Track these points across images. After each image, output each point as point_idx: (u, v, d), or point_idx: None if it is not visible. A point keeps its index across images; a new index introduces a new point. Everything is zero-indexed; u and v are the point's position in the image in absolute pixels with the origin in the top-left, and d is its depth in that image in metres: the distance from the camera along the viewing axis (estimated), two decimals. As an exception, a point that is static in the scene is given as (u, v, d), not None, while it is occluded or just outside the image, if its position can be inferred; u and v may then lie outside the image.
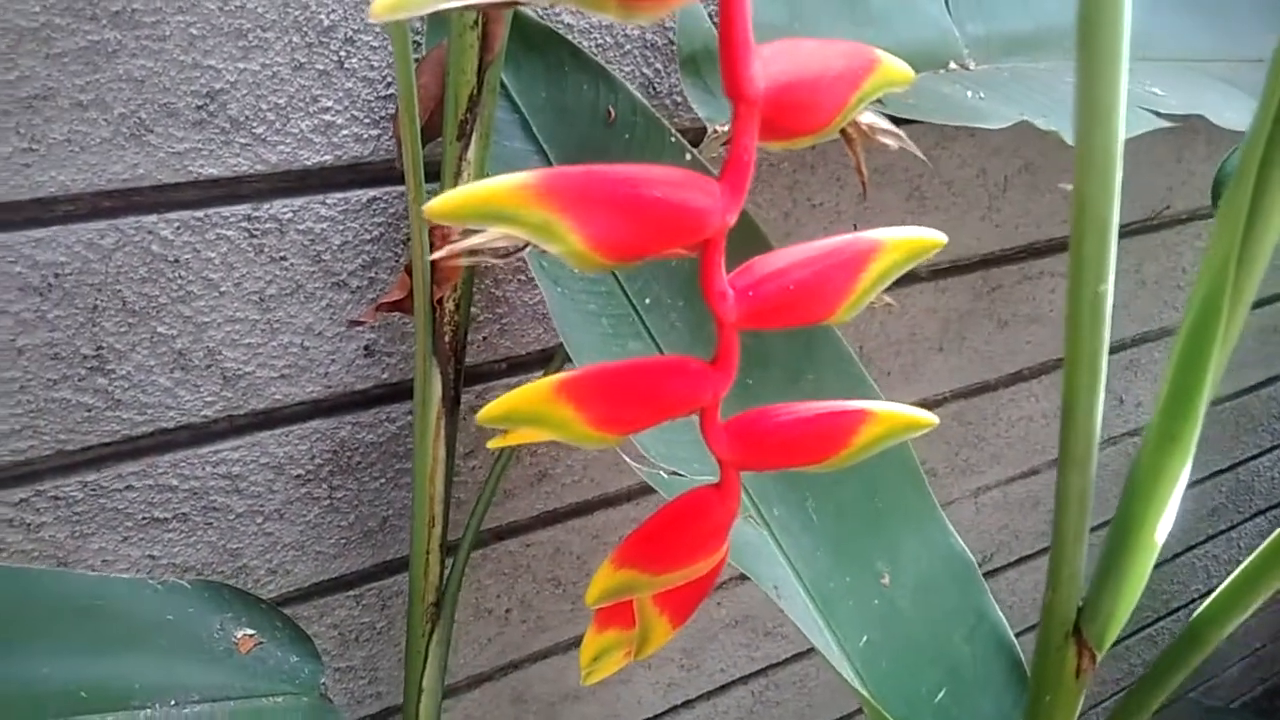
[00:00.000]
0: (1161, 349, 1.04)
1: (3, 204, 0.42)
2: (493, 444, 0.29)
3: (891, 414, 0.31)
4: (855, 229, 0.72)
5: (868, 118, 0.31)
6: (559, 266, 0.47)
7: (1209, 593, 0.30)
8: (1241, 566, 0.26)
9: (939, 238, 0.30)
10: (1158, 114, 0.56)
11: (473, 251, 0.25)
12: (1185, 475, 0.25)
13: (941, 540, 0.49)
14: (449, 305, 0.46)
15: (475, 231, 0.25)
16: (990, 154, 0.74)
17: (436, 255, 0.25)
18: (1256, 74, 0.60)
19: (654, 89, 0.56)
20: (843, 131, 0.31)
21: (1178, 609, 1.32)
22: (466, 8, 0.22)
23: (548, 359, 0.61)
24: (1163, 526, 0.25)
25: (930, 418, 0.31)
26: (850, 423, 0.31)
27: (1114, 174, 0.21)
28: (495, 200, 0.24)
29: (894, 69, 0.30)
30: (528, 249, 0.26)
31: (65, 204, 0.43)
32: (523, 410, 0.28)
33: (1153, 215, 0.91)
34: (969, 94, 0.52)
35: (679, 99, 0.57)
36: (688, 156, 0.49)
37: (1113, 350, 1.02)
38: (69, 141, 0.42)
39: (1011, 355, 0.89)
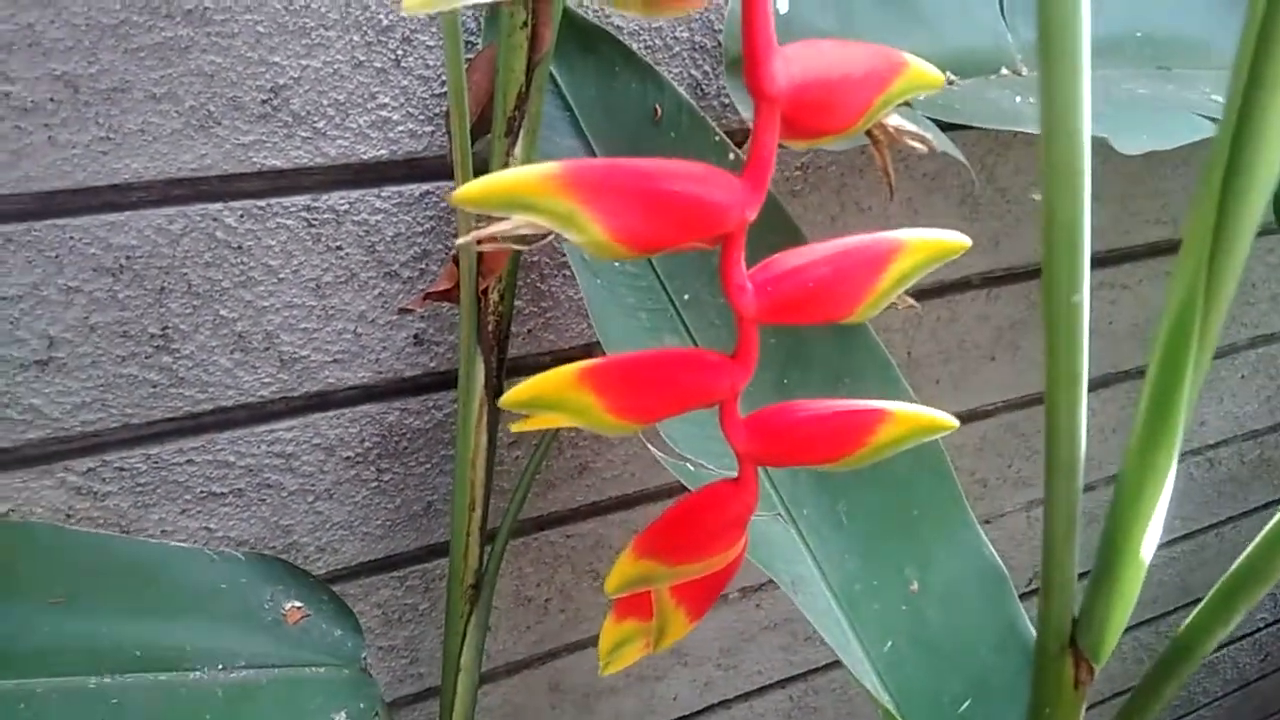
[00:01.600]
0: (1228, 367, 1.01)
1: (81, 189, 0.44)
2: (515, 427, 0.30)
3: (910, 414, 0.32)
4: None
5: (895, 120, 0.32)
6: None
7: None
8: (1227, 574, 0.25)
9: (962, 240, 0.31)
10: (1216, 122, 0.54)
11: (497, 238, 0.27)
12: (1168, 489, 0.25)
13: (974, 550, 0.48)
14: (493, 296, 0.48)
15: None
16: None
17: (462, 240, 0.26)
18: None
19: (702, 90, 0.57)
20: (869, 133, 0.32)
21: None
22: (497, 4, 0.23)
23: (590, 353, 0.62)
24: (1149, 541, 0.25)
25: (950, 420, 0.32)
26: (868, 421, 0.31)
27: (1082, 185, 0.21)
28: (520, 189, 0.25)
29: (922, 72, 0.30)
30: (551, 236, 0.27)
31: (138, 190, 0.46)
32: (546, 395, 0.29)
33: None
34: (1017, 99, 0.51)
35: (726, 100, 0.57)
36: (731, 156, 0.50)
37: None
38: (143, 131, 0.44)
39: (1067, 368, 0.88)
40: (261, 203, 0.48)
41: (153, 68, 0.43)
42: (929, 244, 0.31)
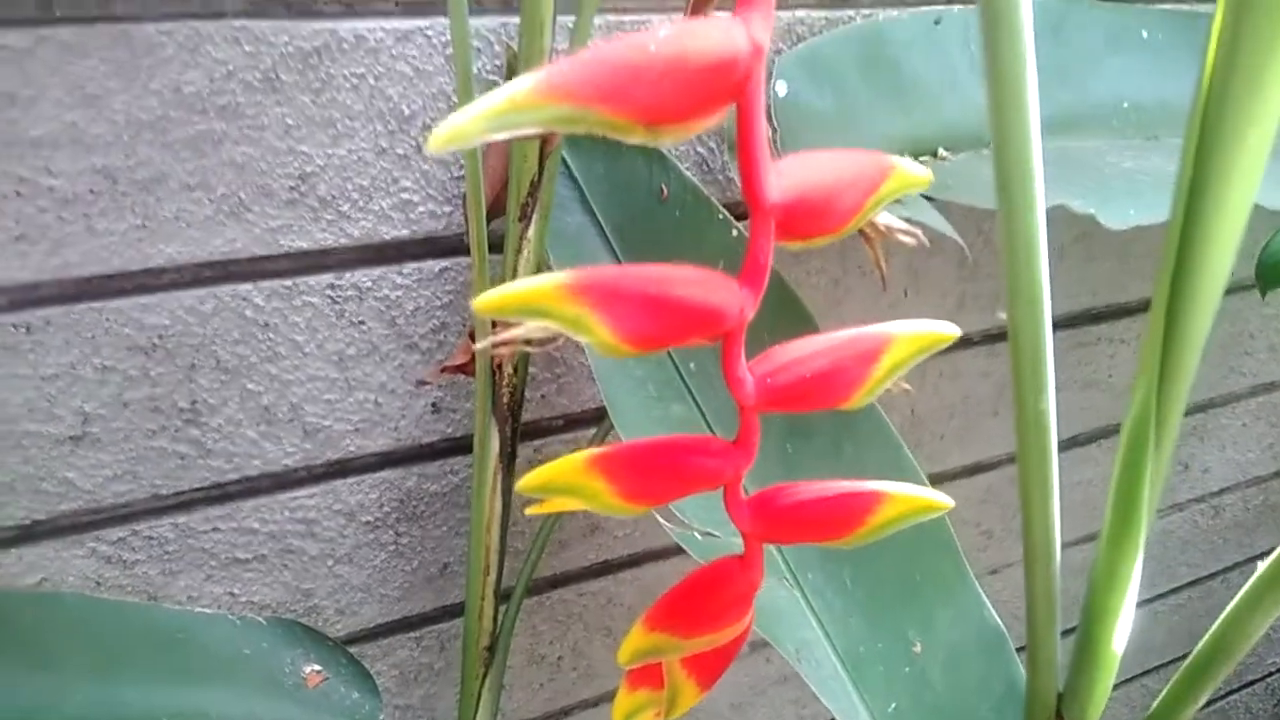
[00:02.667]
0: (1228, 415, 1.02)
1: (117, 274, 0.47)
2: (530, 510, 0.32)
3: (908, 496, 0.33)
4: (905, 295, 0.74)
5: (885, 219, 0.34)
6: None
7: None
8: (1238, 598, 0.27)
9: (951, 331, 0.33)
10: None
11: (514, 340, 0.29)
12: (1137, 577, 0.26)
13: (975, 612, 0.50)
14: (508, 369, 0.50)
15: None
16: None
17: (480, 345, 0.28)
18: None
19: (707, 166, 0.59)
20: (861, 231, 0.34)
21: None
22: (514, 139, 0.26)
23: (602, 416, 0.64)
24: (1123, 623, 0.27)
25: (946, 501, 0.33)
26: (867, 503, 0.33)
27: (1042, 301, 0.23)
28: (534, 298, 0.28)
29: (909, 175, 0.33)
30: (562, 338, 0.29)
31: (171, 273, 0.48)
32: (558, 481, 0.31)
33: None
34: (1008, 176, 0.54)
35: (730, 176, 0.60)
36: (734, 233, 0.52)
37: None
38: (177, 219, 0.47)
39: (1068, 420, 0.89)
40: (288, 282, 0.51)
41: (187, 159, 0.46)
42: (920, 337, 0.33)
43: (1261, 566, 0.25)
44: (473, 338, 0.49)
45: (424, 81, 0.49)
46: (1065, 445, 0.92)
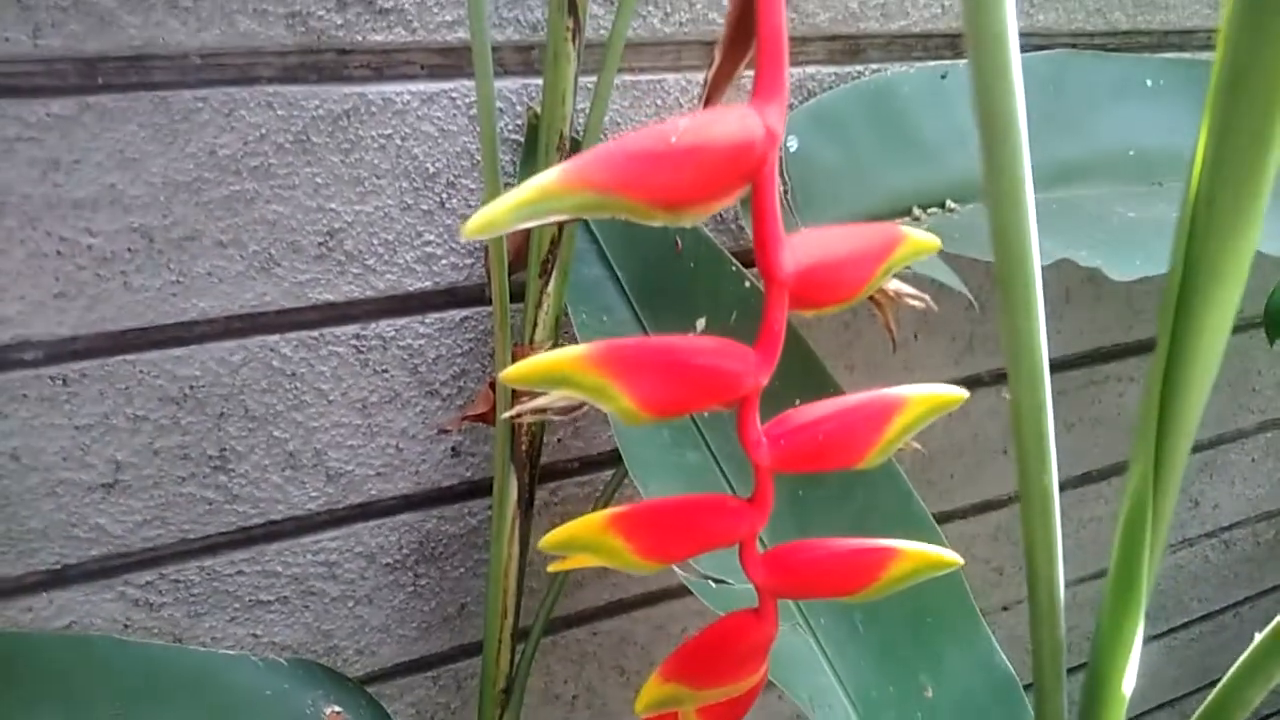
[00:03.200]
0: (1237, 450, 1.02)
1: (151, 327, 0.49)
2: (552, 567, 0.33)
3: (918, 553, 0.34)
4: (915, 338, 0.75)
5: (895, 285, 0.36)
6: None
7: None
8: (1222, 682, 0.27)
9: (959, 394, 0.34)
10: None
11: (540, 409, 0.30)
12: (1140, 638, 0.27)
13: (985, 656, 0.51)
14: (527, 418, 0.51)
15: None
16: (1053, 266, 0.76)
17: (509, 414, 0.29)
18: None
19: (720, 216, 0.61)
20: (871, 298, 0.35)
21: None
22: (545, 224, 0.27)
23: (618, 458, 0.65)
24: (1128, 679, 0.28)
25: (955, 558, 0.35)
26: (879, 559, 0.34)
27: (1042, 384, 0.24)
28: (558, 369, 0.29)
29: (919, 242, 0.34)
30: (585, 406, 0.30)
31: (203, 326, 0.50)
32: (578, 540, 0.32)
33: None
34: (1015, 228, 0.55)
35: (742, 225, 0.61)
36: (746, 284, 0.53)
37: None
38: (210, 275, 0.48)
39: (1078, 457, 0.90)
40: (315, 333, 0.52)
41: (221, 218, 0.48)
42: (929, 399, 0.34)
43: (1258, 638, 0.26)
44: (493, 387, 0.51)
45: (448, 141, 0.51)
46: (1077, 482, 0.92)
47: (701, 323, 0.53)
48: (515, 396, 0.50)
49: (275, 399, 0.53)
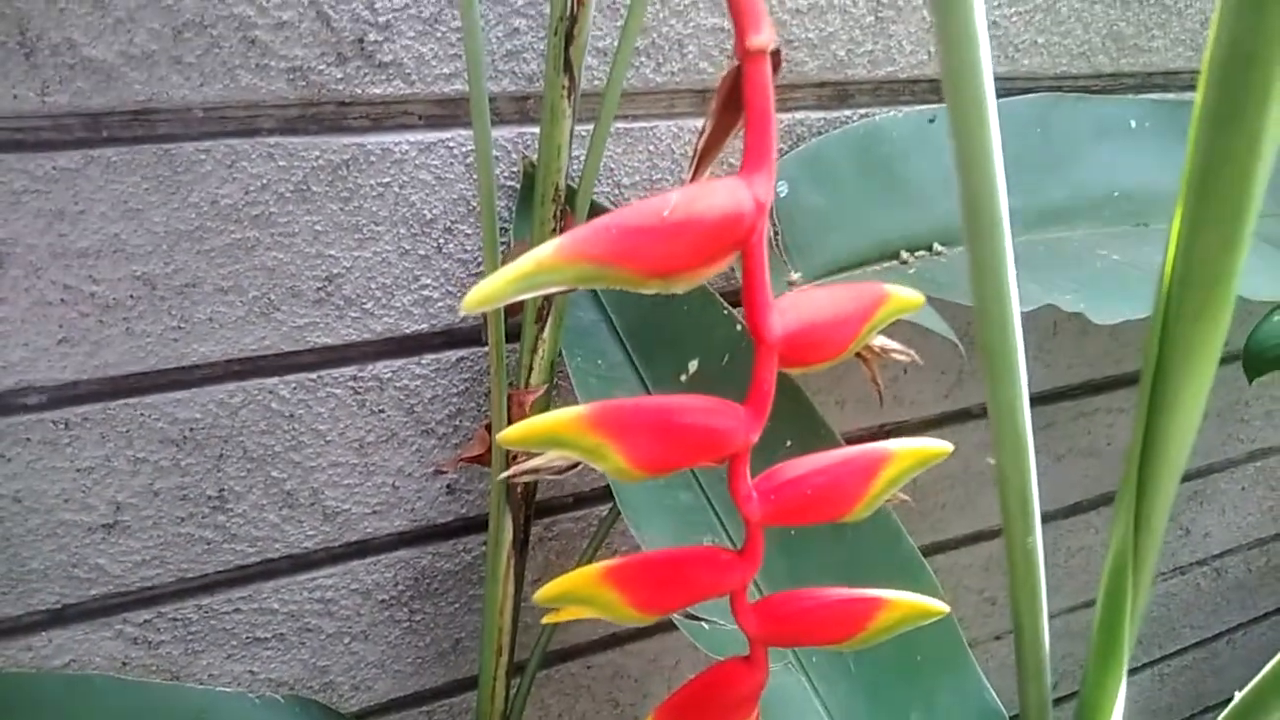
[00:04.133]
0: (1227, 480, 1.03)
1: (153, 371, 0.49)
2: (547, 619, 0.34)
3: (906, 603, 0.35)
4: (905, 372, 0.76)
5: (880, 341, 0.37)
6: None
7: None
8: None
9: (944, 448, 0.35)
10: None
11: (536, 470, 0.31)
12: (1123, 692, 0.28)
13: (976, 694, 0.51)
14: (522, 459, 0.52)
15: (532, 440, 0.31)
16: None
17: (505, 475, 0.30)
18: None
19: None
20: (858, 354, 0.36)
21: None
22: (542, 295, 0.28)
23: (610, 494, 0.66)
24: (1116, 715, 0.28)
25: (943, 607, 0.35)
26: (867, 609, 0.35)
27: (1027, 448, 0.25)
28: (554, 431, 0.30)
29: (903, 299, 0.35)
30: (580, 465, 0.31)
31: (203, 370, 0.50)
32: (573, 593, 0.33)
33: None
34: (1001, 272, 0.56)
35: (734, 267, 0.62)
36: (738, 327, 0.54)
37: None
38: (210, 320, 0.49)
39: (1068, 488, 0.91)
40: (313, 375, 0.53)
41: (222, 265, 0.49)
42: (914, 453, 0.35)
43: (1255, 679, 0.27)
44: (489, 430, 0.51)
45: (445, 188, 0.52)
46: (1068, 512, 0.93)
47: (694, 365, 0.54)
48: (511, 459, 0.51)
49: (273, 440, 0.53)
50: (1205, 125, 0.19)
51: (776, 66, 0.30)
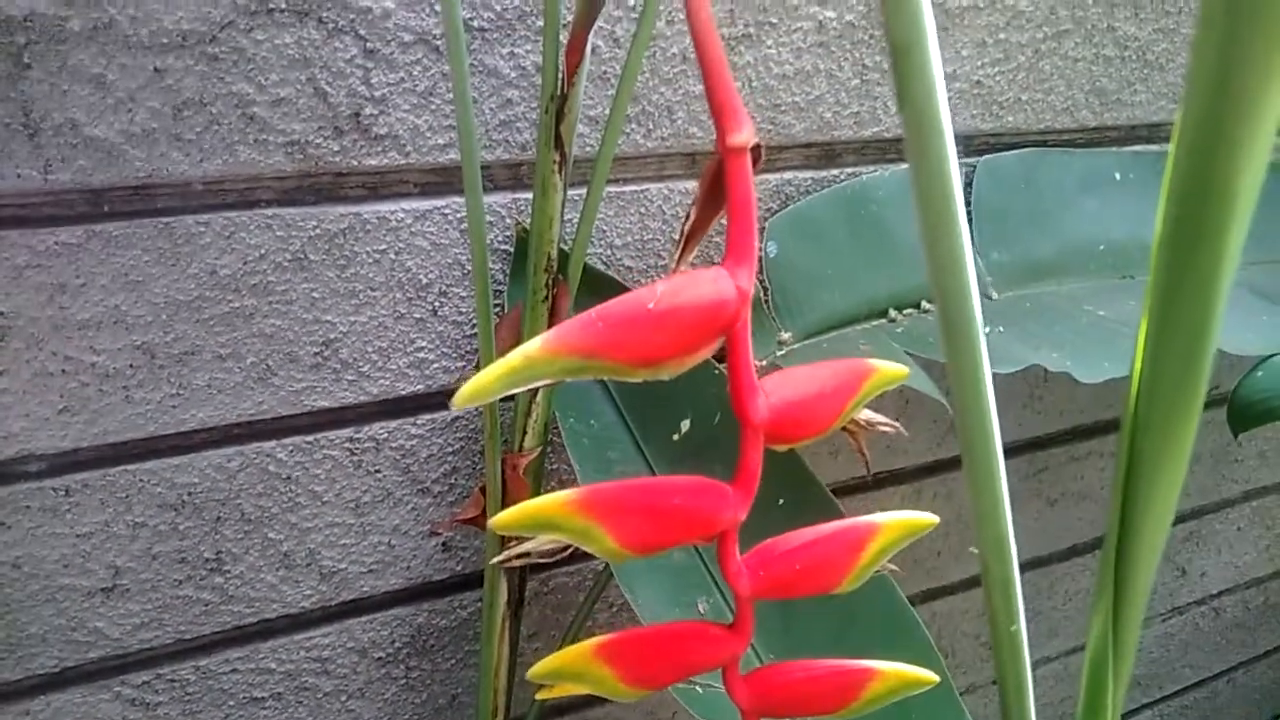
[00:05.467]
0: (1222, 520, 1.04)
1: (152, 437, 0.50)
2: (540, 695, 0.35)
3: (896, 673, 0.36)
4: (897, 421, 0.77)
5: (866, 415, 0.37)
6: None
7: None
8: None
9: (930, 519, 0.35)
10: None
11: (527, 554, 0.32)
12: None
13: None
14: (515, 563, 0.52)
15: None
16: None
17: (497, 560, 0.31)
18: None
19: (705, 314, 0.63)
20: (845, 428, 0.37)
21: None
22: (529, 389, 0.29)
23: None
24: None
25: (931, 676, 0.36)
26: (858, 680, 0.36)
27: (1007, 540, 0.25)
28: (545, 515, 0.31)
29: (887, 373, 0.36)
30: (570, 549, 0.32)
31: (201, 435, 0.51)
32: (566, 670, 0.34)
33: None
34: (988, 329, 0.57)
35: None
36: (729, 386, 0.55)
37: (1173, 522, 1.03)
38: (209, 386, 0.50)
39: (1064, 531, 0.91)
40: (310, 437, 0.54)
41: (220, 333, 0.49)
42: (902, 524, 0.35)
43: None
44: (484, 492, 0.52)
45: (440, 254, 0.53)
46: (1065, 555, 0.93)
47: (686, 424, 0.55)
48: (504, 490, 0.52)
49: (270, 502, 0.54)
50: (1164, 253, 0.19)
51: (757, 160, 0.31)
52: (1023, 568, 0.90)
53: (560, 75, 0.41)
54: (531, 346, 0.28)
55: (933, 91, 0.21)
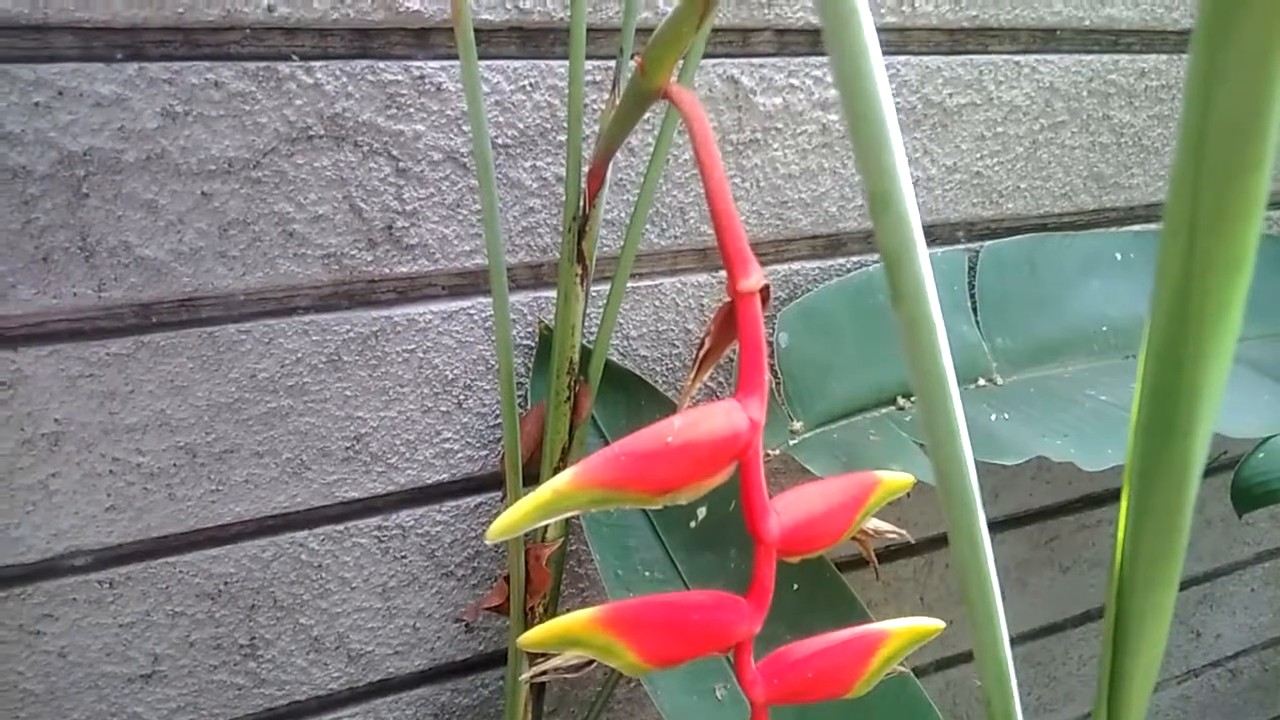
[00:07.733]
0: (1235, 582, 1.04)
1: (192, 531, 0.52)
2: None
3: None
4: (909, 496, 0.78)
5: (873, 524, 0.39)
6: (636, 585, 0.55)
7: None
8: None
9: (936, 625, 0.37)
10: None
11: (554, 669, 0.34)
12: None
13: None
14: (539, 609, 0.54)
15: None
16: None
17: (525, 677, 0.33)
18: None
19: (716, 397, 0.65)
20: (854, 538, 0.39)
21: None
22: (554, 521, 0.31)
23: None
24: None
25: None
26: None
27: (983, 550, 0.26)
28: (570, 633, 0.33)
29: (894, 483, 0.38)
30: (594, 664, 0.34)
31: (238, 527, 0.53)
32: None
33: (1212, 459, 0.95)
34: (993, 416, 0.59)
35: (740, 407, 0.65)
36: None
37: (1185, 585, 1.03)
38: (246, 482, 0.52)
39: (1077, 598, 0.92)
40: (340, 526, 0.56)
41: (258, 432, 0.52)
42: (909, 631, 0.37)
43: None
44: (507, 581, 0.54)
45: (466, 350, 0.55)
46: (1078, 621, 0.94)
47: (703, 511, 0.57)
48: (529, 610, 0.54)
49: (302, 589, 0.56)
50: (1141, 439, 0.21)
51: (765, 300, 0.33)
52: (1030, 637, 0.91)
53: (582, 197, 0.44)
54: (560, 481, 0.30)
55: (899, 190, 0.22)
